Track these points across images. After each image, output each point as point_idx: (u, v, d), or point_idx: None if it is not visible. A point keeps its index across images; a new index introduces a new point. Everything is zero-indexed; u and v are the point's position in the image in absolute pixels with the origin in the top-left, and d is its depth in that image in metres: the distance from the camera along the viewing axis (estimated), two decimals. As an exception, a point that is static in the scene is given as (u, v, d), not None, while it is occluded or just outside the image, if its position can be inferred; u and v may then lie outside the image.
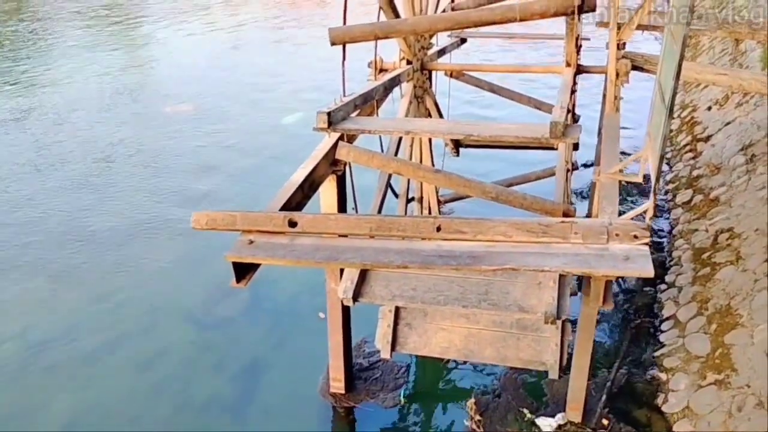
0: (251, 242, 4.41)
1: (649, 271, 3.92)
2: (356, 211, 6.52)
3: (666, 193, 11.40)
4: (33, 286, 9.92)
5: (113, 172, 13.86)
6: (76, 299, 9.58)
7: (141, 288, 9.78)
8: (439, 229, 4.35)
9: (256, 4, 25.90)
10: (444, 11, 9.27)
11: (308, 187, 5.58)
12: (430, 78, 8.51)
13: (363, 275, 6.01)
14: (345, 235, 4.55)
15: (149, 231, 11.40)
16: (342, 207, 6.38)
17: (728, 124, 11.52)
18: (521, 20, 5.85)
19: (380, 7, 6.91)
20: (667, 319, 8.12)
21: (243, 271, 4.44)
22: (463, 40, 10.46)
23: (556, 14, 5.84)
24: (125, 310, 9.28)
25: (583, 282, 5.81)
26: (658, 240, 9.98)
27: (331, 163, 6.05)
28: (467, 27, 6.46)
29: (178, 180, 13.40)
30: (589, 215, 8.86)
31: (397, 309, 6.72)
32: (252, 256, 4.34)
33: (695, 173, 11.10)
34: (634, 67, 7.05)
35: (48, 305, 9.47)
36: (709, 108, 12.82)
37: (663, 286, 8.80)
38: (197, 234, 4.98)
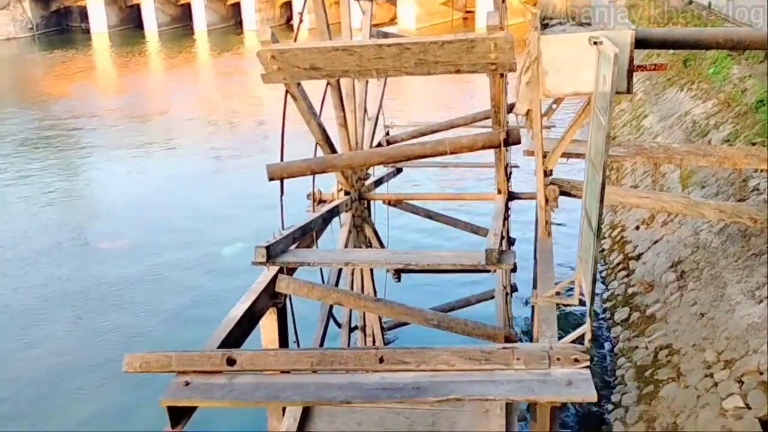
0: (187, 384, 4.23)
1: (592, 396, 3.92)
2: (298, 345, 6.39)
3: (604, 311, 11.62)
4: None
5: (41, 312, 13.34)
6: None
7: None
8: (381, 360, 4.29)
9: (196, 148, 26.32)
10: (379, 144, 9.66)
11: (248, 322, 5.46)
12: (368, 207, 8.68)
13: (307, 411, 5.82)
14: (287, 371, 4.43)
15: (79, 375, 10.87)
16: (283, 340, 6.24)
17: (656, 242, 12.01)
18: (451, 153, 6.13)
19: (317, 143, 7.12)
20: (617, 440, 8.04)
21: (179, 415, 4.23)
22: (399, 170, 10.80)
23: (483, 147, 6.15)
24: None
25: (530, 407, 5.75)
26: (602, 358, 10.06)
27: (270, 296, 5.98)
28: (400, 161, 6.70)
29: (111, 319, 12.99)
30: (531, 338, 8.91)
31: (343, 445, 6.46)
32: (188, 399, 4.15)
33: (630, 291, 11.41)
34: (562, 193, 7.36)
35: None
36: (637, 227, 13.39)
37: (610, 406, 8.78)
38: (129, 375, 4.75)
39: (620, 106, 20.96)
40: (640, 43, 6.06)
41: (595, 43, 5.17)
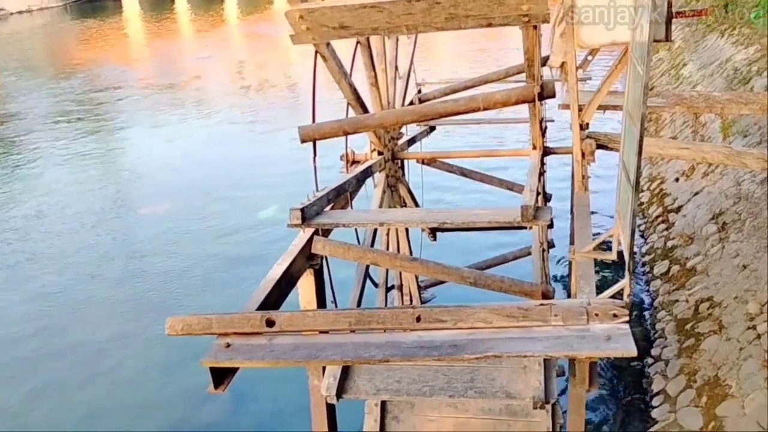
0: (228, 345, 4.30)
1: (632, 351, 3.89)
2: (335, 305, 6.45)
3: (644, 265, 11.48)
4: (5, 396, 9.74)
5: (87, 280, 13.72)
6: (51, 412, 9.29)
7: (119, 395, 9.50)
8: (419, 319, 4.30)
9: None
10: (411, 103, 9.55)
11: (285, 284, 5.52)
12: (402, 167, 8.63)
13: (346, 370, 5.90)
14: (325, 331, 4.48)
15: (125, 338, 11.19)
16: (321, 301, 6.29)
17: (697, 194, 11.77)
18: (484, 109, 6.03)
19: (348, 103, 7.08)
20: (657, 394, 8.02)
21: (221, 375, 4.32)
22: (432, 128, 10.69)
23: (517, 102, 6.04)
24: (103, 421, 8.98)
25: (569, 362, 5.73)
26: (641, 313, 9.98)
27: (307, 257, 6.01)
28: (433, 118, 6.61)
29: (152, 284, 13.32)
30: (569, 293, 8.86)
31: (383, 402, 6.57)
32: (230, 360, 4.22)
33: (670, 244, 11.23)
34: (599, 146, 7.21)
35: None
36: (677, 179, 13.12)
37: (650, 360, 8.73)
38: (173, 338, 4.85)
39: (658, 55, 20.39)
40: (679, -12, 5.83)
41: (632, -10, 5.00)
